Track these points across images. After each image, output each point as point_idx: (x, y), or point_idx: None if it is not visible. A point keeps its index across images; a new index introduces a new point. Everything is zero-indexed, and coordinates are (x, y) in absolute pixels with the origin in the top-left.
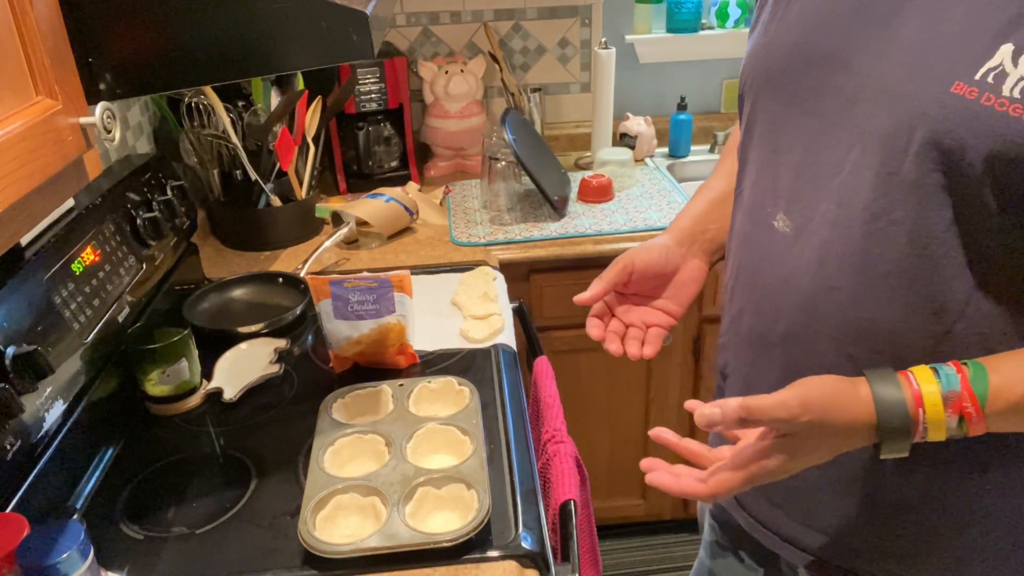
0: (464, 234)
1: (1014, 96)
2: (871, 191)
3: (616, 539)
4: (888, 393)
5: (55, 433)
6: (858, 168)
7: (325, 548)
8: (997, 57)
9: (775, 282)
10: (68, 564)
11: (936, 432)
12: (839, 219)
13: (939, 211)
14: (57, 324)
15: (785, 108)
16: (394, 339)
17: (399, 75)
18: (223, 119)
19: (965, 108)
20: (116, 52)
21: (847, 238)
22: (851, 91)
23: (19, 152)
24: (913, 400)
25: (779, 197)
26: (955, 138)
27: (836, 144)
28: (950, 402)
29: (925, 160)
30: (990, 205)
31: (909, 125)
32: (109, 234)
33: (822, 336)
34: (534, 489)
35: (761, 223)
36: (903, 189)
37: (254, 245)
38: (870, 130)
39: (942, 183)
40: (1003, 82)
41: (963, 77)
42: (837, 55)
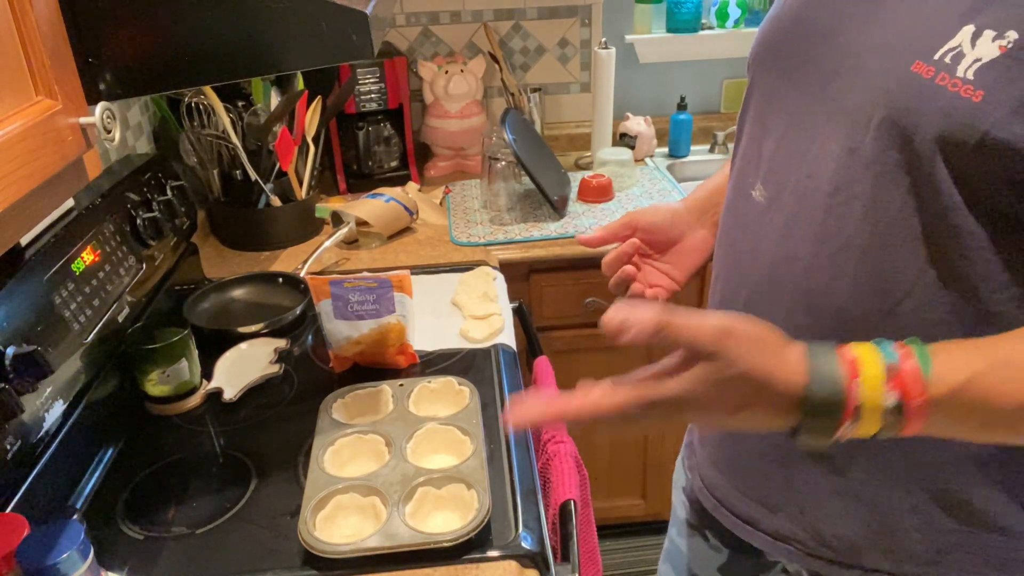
0: (464, 234)
1: (967, 77)
2: (834, 165)
3: (616, 539)
4: (823, 359)
5: (55, 433)
6: (827, 142)
7: (325, 548)
8: (958, 38)
9: (745, 249)
10: (68, 564)
11: (868, 417)
12: (806, 191)
13: (894, 189)
14: (57, 324)
15: (778, 81)
16: (394, 339)
17: (399, 75)
18: (223, 119)
19: (920, 86)
20: (116, 52)
21: (811, 210)
22: (831, 65)
23: (19, 152)
24: (849, 374)
25: (760, 167)
26: (910, 116)
27: (813, 117)
28: (891, 376)
29: (883, 137)
30: (943, 187)
31: (872, 101)
32: (109, 234)
33: (777, 305)
34: (534, 489)
35: (742, 192)
36: (862, 165)
37: (254, 245)
38: (840, 104)
39: (898, 161)
40: (959, 63)
41: (924, 56)
42: (828, 29)
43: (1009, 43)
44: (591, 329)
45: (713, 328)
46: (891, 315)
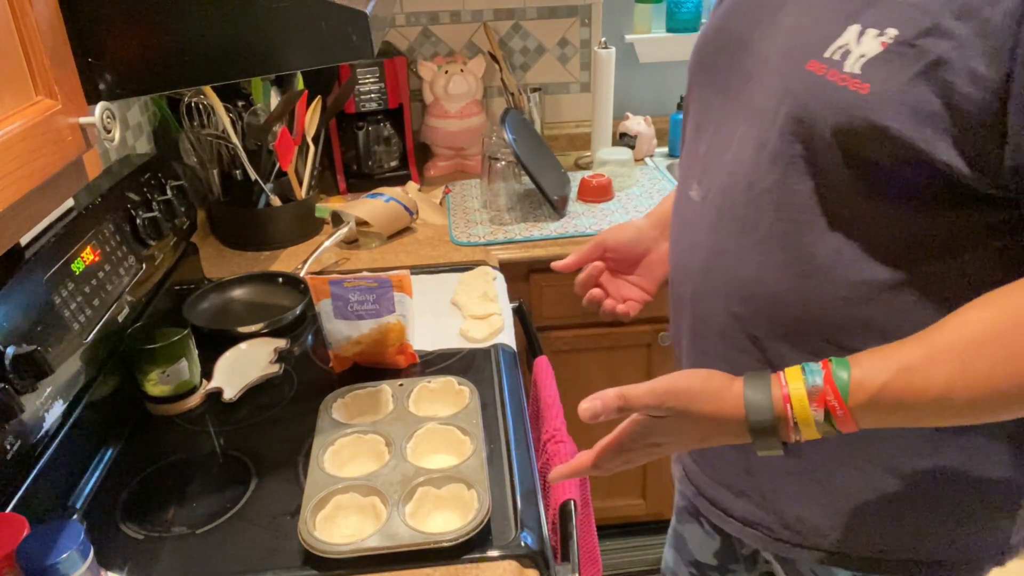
0: (464, 234)
1: (854, 72)
2: (749, 161)
3: (616, 539)
4: (757, 394)
5: (55, 433)
6: (744, 141)
7: (325, 548)
8: (845, 36)
9: (686, 246)
10: (68, 564)
11: (808, 429)
12: (728, 187)
13: (801, 179)
14: (57, 324)
15: (708, 89)
16: (394, 339)
17: (399, 75)
18: (223, 119)
19: (815, 83)
20: (116, 52)
21: (733, 205)
22: (747, 71)
23: (19, 152)
24: (781, 398)
25: (696, 168)
26: (808, 111)
27: (734, 119)
28: (814, 396)
29: (787, 132)
30: (842, 173)
31: (777, 100)
32: (109, 234)
33: (716, 296)
34: (534, 489)
35: (683, 193)
36: (770, 159)
37: (254, 245)
38: (753, 105)
39: (802, 154)
40: (846, 59)
41: (817, 55)
42: (744, 39)
43: (890, 39)
44: (591, 329)
45: (658, 394)
46: (816, 297)
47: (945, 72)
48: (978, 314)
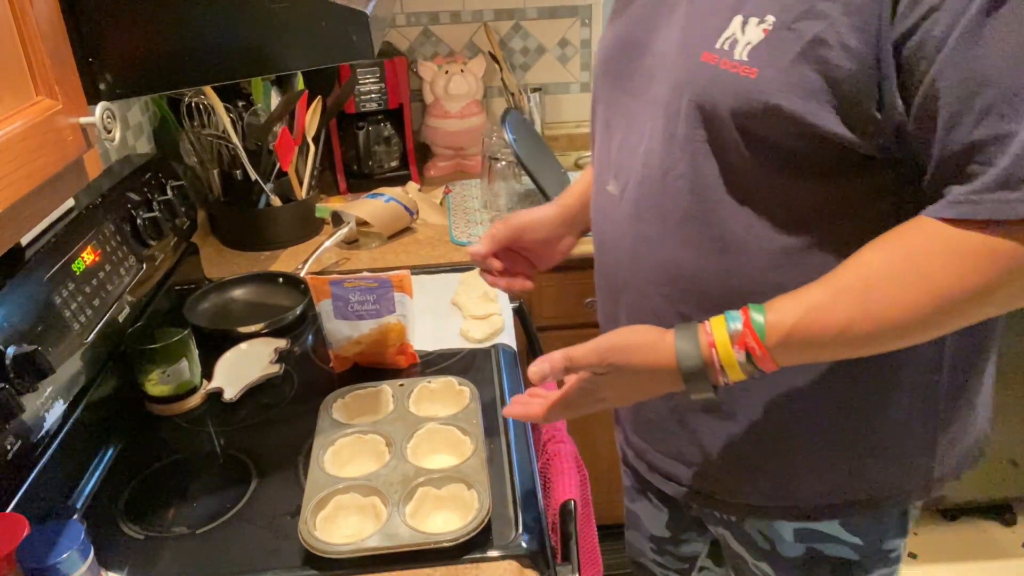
0: (464, 234)
1: (743, 59)
2: (661, 152)
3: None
4: (686, 344)
5: (55, 433)
6: (654, 134)
7: (325, 548)
8: (731, 28)
9: (612, 237)
10: (68, 564)
11: (733, 371)
12: (644, 178)
13: (708, 162)
14: (57, 324)
15: (615, 91)
16: (394, 339)
17: (399, 75)
18: (223, 119)
19: (711, 72)
20: (116, 52)
21: (650, 193)
22: (648, 71)
23: (19, 152)
24: (707, 345)
25: (611, 165)
26: (708, 99)
27: (641, 116)
28: (735, 339)
29: (691, 120)
30: (744, 153)
31: (679, 92)
32: (109, 234)
33: (645, 280)
34: (534, 489)
35: (601, 189)
36: (679, 147)
37: (254, 245)
38: (658, 101)
39: (706, 138)
40: (735, 48)
41: (709, 47)
42: (644, 43)
43: (770, 25)
44: (591, 329)
45: (600, 352)
46: (735, 269)
47: (821, 50)
48: (872, 255)
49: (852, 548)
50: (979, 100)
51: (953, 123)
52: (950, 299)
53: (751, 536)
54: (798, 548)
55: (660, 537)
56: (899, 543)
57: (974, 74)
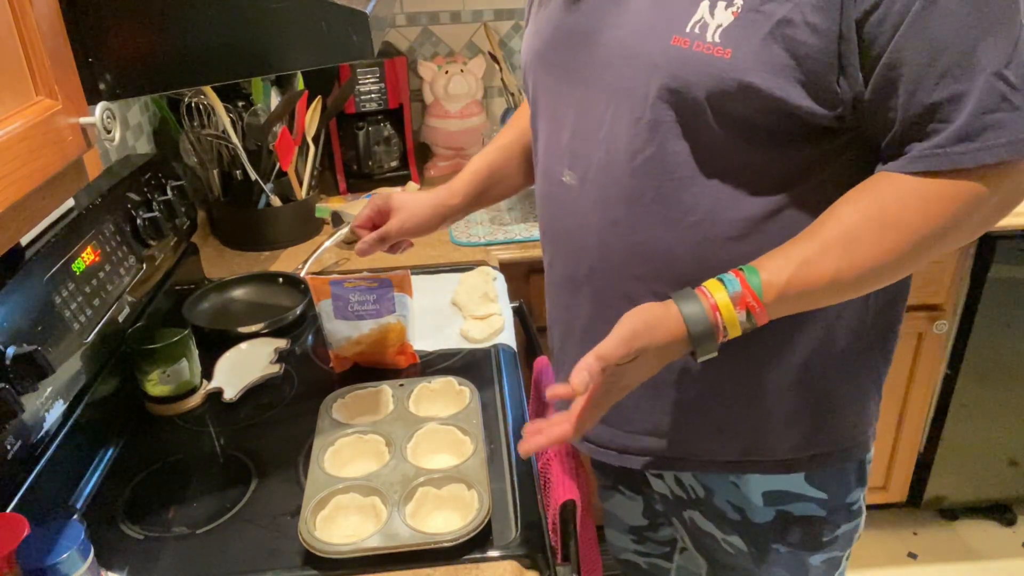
0: (464, 234)
1: (715, 40)
2: (627, 136)
3: None
4: (692, 308)
5: (55, 433)
6: (615, 120)
7: (325, 548)
8: (699, 11)
9: (572, 228)
10: (68, 564)
11: (733, 329)
12: (609, 164)
13: (678, 142)
14: (57, 324)
15: (557, 82)
16: (394, 339)
17: (399, 75)
18: (223, 119)
19: (683, 55)
20: (116, 52)
21: (617, 178)
22: (601, 59)
23: (19, 152)
24: (711, 309)
25: (563, 156)
26: (680, 81)
27: (597, 104)
28: (736, 301)
29: (660, 103)
30: (715, 131)
31: (646, 77)
32: (109, 234)
33: (615, 266)
34: (534, 489)
35: (554, 181)
36: (648, 129)
37: (254, 245)
38: (619, 87)
39: (676, 119)
40: (706, 31)
41: (678, 31)
42: (589, 32)
43: (738, 8)
44: None
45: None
46: (705, 241)
47: (788, 29)
48: (847, 209)
49: (818, 504)
50: (937, 65)
51: (915, 87)
52: (922, 239)
53: (720, 509)
54: (768, 512)
55: (638, 526)
56: (860, 494)
57: (933, 42)
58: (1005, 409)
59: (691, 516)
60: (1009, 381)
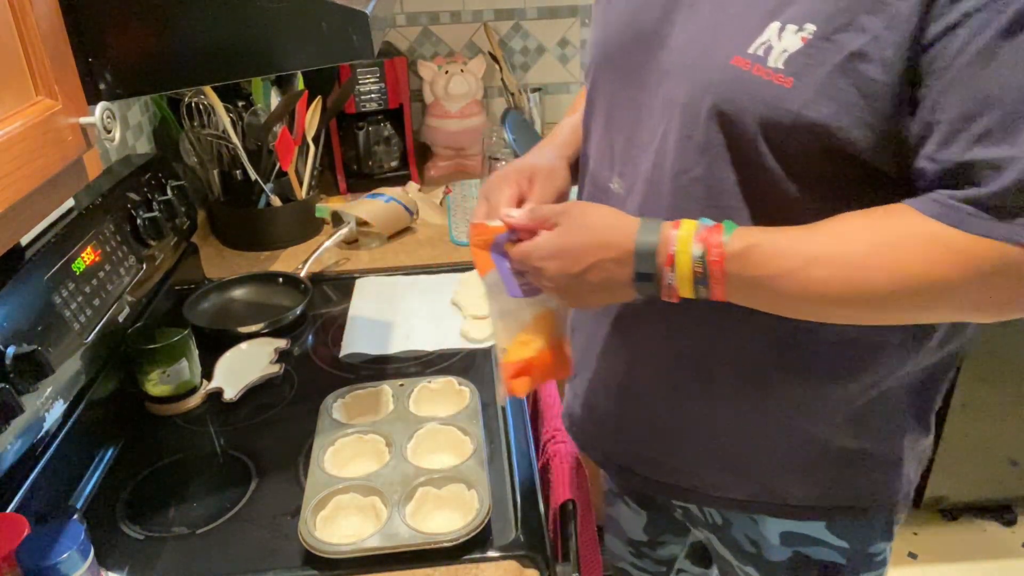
0: (464, 234)
1: (778, 67)
2: (675, 153)
3: None
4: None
5: (55, 433)
6: (667, 134)
7: (325, 548)
8: (766, 33)
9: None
10: (68, 564)
11: (682, 265)
12: (653, 178)
13: (727, 168)
14: (57, 324)
15: (618, 84)
16: (556, 335)
17: (399, 75)
18: (223, 119)
19: (740, 78)
20: (116, 52)
21: (660, 195)
22: (663, 66)
23: (19, 152)
24: (671, 226)
25: (614, 162)
26: (734, 104)
27: (653, 114)
28: (698, 232)
29: (712, 124)
30: (767, 162)
31: (700, 94)
32: (109, 234)
33: None
34: (534, 489)
35: (601, 186)
36: (697, 150)
37: (254, 245)
38: (674, 99)
39: (726, 144)
40: (769, 55)
41: (740, 51)
42: (656, 33)
43: (809, 34)
44: None
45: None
46: None
47: (861, 64)
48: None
49: (839, 552)
50: (980, 121)
51: (949, 140)
52: (911, 281)
53: (737, 540)
54: (784, 552)
55: (638, 541)
56: (885, 547)
57: (979, 94)
58: (1005, 409)
59: (709, 537)
60: (1009, 381)
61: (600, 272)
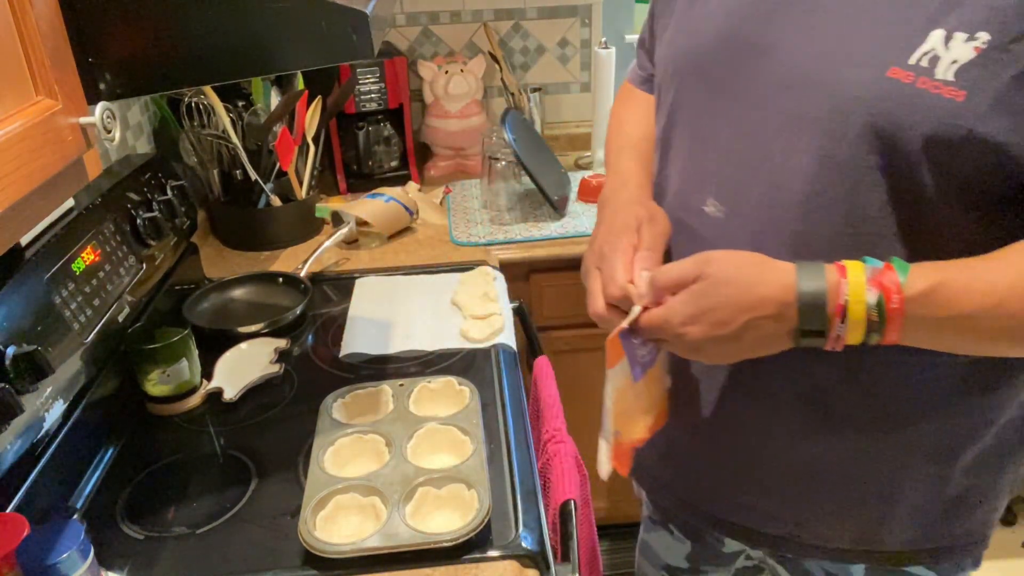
0: (464, 234)
1: (947, 79)
2: (807, 174)
3: (616, 539)
4: (810, 266)
5: (55, 433)
6: (791, 152)
7: (325, 548)
8: (929, 42)
9: None
10: (68, 564)
11: (855, 312)
12: (775, 202)
13: (874, 192)
14: (57, 324)
15: (711, 96)
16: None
17: (399, 75)
18: (223, 119)
19: (901, 92)
20: (116, 52)
21: (783, 219)
22: (778, 78)
23: (19, 152)
24: (836, 270)
25: (708, 183)
26: (893, 121)
27: (765, 130)
28: (872, 277)
29: (862, 143)
30: (926, 185)
31: (845, 109)
32: (109, 234)
33: None
34: (534, 489)
35: (691, 209)
36: (839, 171)
37: (254, 245)
38: (800, 115)
39: (878, 164)
40: (936, 65)
41: (898, 62)
42: (762, 42)
43: (983, 44)
44: (591, 329)
45: (693, 260)
46: None
47: None
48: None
49: None
50: None
51: None
52: None
53: (812, 572)
54: None
55: (677, 567)
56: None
57: None
58: None
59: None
60: None
61: (755, 332)
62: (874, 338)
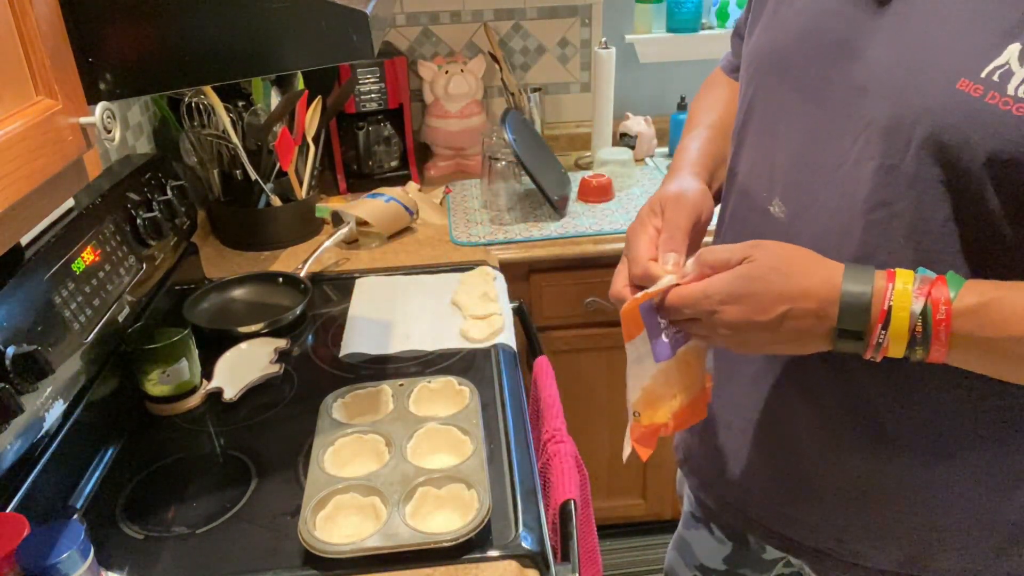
0: (464, 234)
1: (1019, 96)
2: (872, 183)
3: (616, 539)
4: (857, 269)
5: (55, 433)
6: (861, 159)
7: (325, 548)
8: (1004, 56)
9: None
10: (68, 564)
11: (898, 322)
12: (840, 208)
13: (938, 205)
14: (57, 324)
15: (788, 94)
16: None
17: (399, 75)
18: (223, 119)
19: (969, 105)
20: (116, 52)
21: (846, 227)
22: (859, 81)
23: (19, 152)
24: (885, 275)
25: (776, 183)
26: (958, 134)
27: (840, 134)
28: (920, 285)
29: (926, 155)
30: (990, 202)
31: (911, 119)
32: (109, 234)
33: None
34: (534, 489)
35: (756, 207)
36: (904, 182)
37: (254, 245)
38: (873, 121)
39: (942, 178)
40: (1008, 81)
41: (969, 74)
42: (847, 43)
43: None
44: (591, 329)
45: (743, 244)
46: None
47: None
48: None
49: None
50: None
51: None
52: None
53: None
54: None
55: (711, 568)
56: None
57: None
58: None
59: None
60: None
61: (792, 323)
62: (918, 352)
